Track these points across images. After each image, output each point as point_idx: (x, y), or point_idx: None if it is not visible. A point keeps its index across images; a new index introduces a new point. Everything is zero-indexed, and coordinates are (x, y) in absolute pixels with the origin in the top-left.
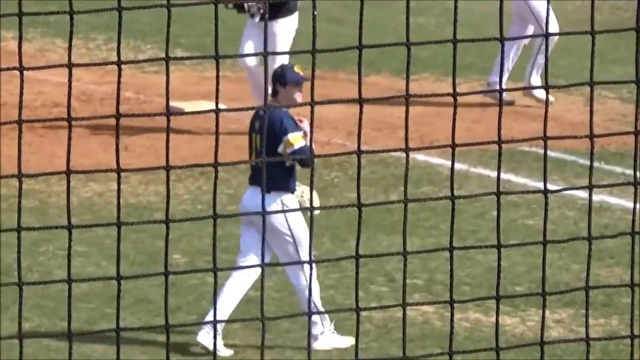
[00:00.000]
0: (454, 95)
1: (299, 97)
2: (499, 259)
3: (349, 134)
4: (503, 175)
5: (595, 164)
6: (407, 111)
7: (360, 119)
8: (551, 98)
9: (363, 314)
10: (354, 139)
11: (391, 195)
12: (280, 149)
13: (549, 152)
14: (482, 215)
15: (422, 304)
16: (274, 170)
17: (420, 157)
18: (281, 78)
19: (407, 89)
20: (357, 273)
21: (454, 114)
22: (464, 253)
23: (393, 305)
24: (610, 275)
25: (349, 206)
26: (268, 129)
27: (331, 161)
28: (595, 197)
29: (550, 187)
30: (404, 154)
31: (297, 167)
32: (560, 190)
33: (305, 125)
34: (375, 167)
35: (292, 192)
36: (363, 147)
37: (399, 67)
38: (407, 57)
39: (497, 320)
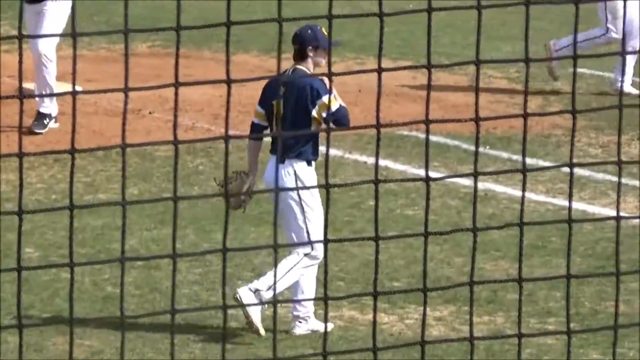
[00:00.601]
0: (329, 75)
1: (324, 62)
2: (377, 252)
3: (214, 118)
4: (381, 162)
5: (480, 149)
6: (279, 93)
7: (228, 101)
8: (636, 91)
9: (230, 311)
10: (221, 123)
11: (260, 183)
12: (314, 113)
13: (430, 137)
14: (358, 205)
15: (293, 301)
16: (292, 137)
17: None
18: (314, 41)
19: (279, 69)
20: (224, 268)
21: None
22: (338, 246)
23: (262, 302)
24: (495, 269)
25: (215, 196)
26: (297, 96)
27: (195, 147)
28: (480, 185)
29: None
30: None
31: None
32: (442, 178)
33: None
34: (243, 153)
35: (310, 163)
36: (231, 132)
37: (269, 45)
38: (278, 34)
39: (374, 318)
